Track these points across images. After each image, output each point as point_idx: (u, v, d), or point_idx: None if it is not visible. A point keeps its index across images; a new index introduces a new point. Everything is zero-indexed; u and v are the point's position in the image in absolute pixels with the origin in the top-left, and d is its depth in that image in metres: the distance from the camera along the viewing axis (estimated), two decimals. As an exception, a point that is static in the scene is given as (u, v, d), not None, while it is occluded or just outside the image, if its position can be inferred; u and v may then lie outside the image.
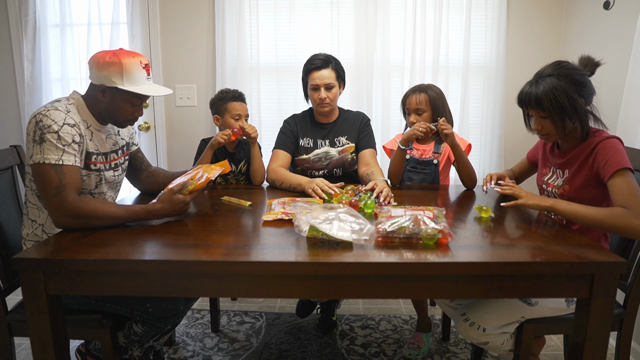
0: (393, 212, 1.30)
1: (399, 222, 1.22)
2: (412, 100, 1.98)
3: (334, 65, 2.04)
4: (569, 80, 1.36)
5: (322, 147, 2.11)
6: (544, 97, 1.37)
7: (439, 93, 2.00)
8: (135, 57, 1.44)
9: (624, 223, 1.23)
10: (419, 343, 2.02)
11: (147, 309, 1.42)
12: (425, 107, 1.96)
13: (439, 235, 1.19)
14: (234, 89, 2.15)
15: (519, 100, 1.47)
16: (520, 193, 1.43)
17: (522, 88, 1.46)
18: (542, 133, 1.46)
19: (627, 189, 1.27)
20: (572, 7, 2.59)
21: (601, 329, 1.13)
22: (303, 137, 2.13)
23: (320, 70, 2.00)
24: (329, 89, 2.02)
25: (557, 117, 1.38)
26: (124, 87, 1.41)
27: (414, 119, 1.98)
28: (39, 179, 1.33)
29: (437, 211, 1.31)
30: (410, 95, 2.00)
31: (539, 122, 1.44)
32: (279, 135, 2.16)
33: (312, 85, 2.02)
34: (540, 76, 1.41)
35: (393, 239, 1.21)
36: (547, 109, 1.38)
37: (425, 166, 2.03)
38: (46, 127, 1.32)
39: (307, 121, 2.16)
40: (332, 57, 2.06)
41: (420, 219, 1.22)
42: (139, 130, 2.84)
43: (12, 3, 2.70)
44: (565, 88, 1.35)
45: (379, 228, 1.23)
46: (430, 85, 2.02)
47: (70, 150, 1.36)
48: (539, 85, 1.38)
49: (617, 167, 1.30)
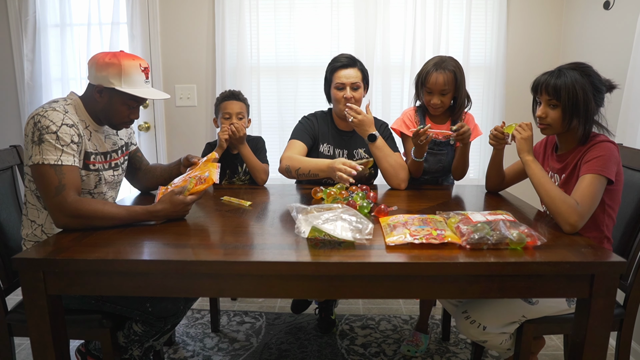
0: (472, 217, 1.27)
1: (485, 230, 1.18)
2: (439, 80, 1.78)
3: (360, 66, 1.94)
4: (589, 81, 1.39)
5: (339, 157, 1.98)
6: (564, 86, 1.38)
7: (459, 67, 1.83)
8: (135, 59, 1.44)
9: (567, 212, 1.30)
10: (417, 342, 2.02)
11: (147, 309, 1.42)
12: (450, 87, 1.81)
13: (528, 239, 1.17)
14: (233, 89, 2.13)
15: (534, 85, 1.48)
16: (525, 132, 1.49)
17: (540, 76, 1.47)
18: (544, 122, 1.46)
19: (589, 192, 1.32)
20: (572, 7, 2.59)
21: (601, 329, 1.13)
22: (323, 142, 2.00)
23: (347, 68, 1.89)
24: (355, 89, 1.90)
25: (569, 110, 1.40)
26: (121, 89, 1.41)
27: (438, 100, 1.83)
28: (38, 179, 1.33)
29: (512, 215, 1.30)
30: (433, 73, 1.79)
31: (545, 110, 1.44)
32: (297, 127, 2.01)
33: (338, 83, 1.90)
34: (563, 68, 1.43)
35: (481, 245, 1.16)
36: (563, 99, 1.39)
37: (442, 147, 1.94)
38: (44, 127, 1.32)
39: (328, 125, 2.02)
40: (357, 58, 1.97)
41: (504, 224, 1.19)
42: (139, 130, 2.85)
43: (12, 3, 2.70)
44: (585, 86, 1.38)
45: (464, 233, 1.19)
46: (449, 59, 1.83)
47: (69, 150, 1.36)
48: (561, 76, 1.40)
49: (596, 171, 1.33)
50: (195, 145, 2.86)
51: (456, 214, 1.32)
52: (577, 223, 1.29)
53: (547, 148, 1.62)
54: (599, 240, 1.44)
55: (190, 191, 1.45)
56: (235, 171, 2.11)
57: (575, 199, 1.31)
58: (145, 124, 2.85)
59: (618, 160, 1.37)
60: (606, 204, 1.40)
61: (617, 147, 1.39)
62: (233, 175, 2.12)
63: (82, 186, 1.46)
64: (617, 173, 1.37)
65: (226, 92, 2.11)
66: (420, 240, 1.18)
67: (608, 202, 1.40)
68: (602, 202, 1.38)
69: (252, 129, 2.70)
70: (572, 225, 1.29)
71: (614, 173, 1.34)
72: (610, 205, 1.41)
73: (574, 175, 1.43)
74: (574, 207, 1.29)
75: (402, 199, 1.75)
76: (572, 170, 1.44)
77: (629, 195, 1.51)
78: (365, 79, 1.96)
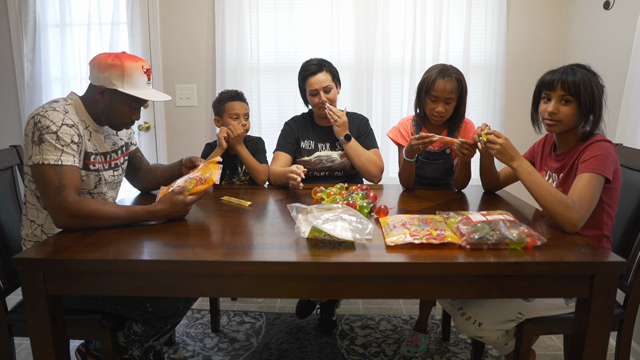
0: (472, 217, 1.27)
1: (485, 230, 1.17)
2: (446, 88, 1.76)
3: (327, 67, 2.05)
4: (597, 80, 1.42)
5: (322, 150, 2.11)
6: (582, 82, 1.39)
7: (463, 77, 1.83)
8: (137, 61, 1.44)
9: (565, 212, 1.29)
10: (417, 342, 2.02)
11: (147, 309, 1.42)
12: (455, 96, 1.80)
13: (528, 239, 1.17)
14: (234, 89, 2.13)
15: (546, 81, 1.46)
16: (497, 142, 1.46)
17: (550, 72, 1.46)
18: (555, 118, 1.44)
19: (587, 191, 1.31)
20: (572, 7, 2.59)
21: (601, 329, 1.13)
22: (304, 140, 2.13)
23: (316, 74, 2.01)
24: (328, 92, 2.02)
25: (586, 106, 1.40)
26: (124, 90, 1.41)
27: (442, 108, 1.80)
28: (38, 179, 1.33)
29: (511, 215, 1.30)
30: (439, 80, 1.76)
31: (557, 106, 1.43)
32: (279, 137, 2.16)
33: (311, 90, 2.03)
34: (574, 66, 1.44)
35: (481, 245, 1.16)
36: (582, 95, 1.39)
37: (437, 157, 1.94)
38: (45, 127, 1.32)
39: (308, 124, 2.17)
40: (324, 60, 2.07)
41: (504, 224, 1.19)
42: (139, 130, 2.85)
43: (12, 3, 2.70)
44: (597, 83, 1.42)
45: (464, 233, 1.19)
46: (452, 68, 1.82)
47: (69, 150, 1.36)
48: (576, 72, 1.41)
49: (594, 170, 1.33)
50: (195, 145, 2.86)
51: (456, 214, 1.32)
52: (577, 222, 1.28)
53: (545, 147, 1.62)
54: (599, 239, 1.44)
55: (190, 191, 1.45)
56: (235, 171, 2.12)
57: (572, 198, 1.32)
58: (145, 124, 2.85)
59: (615, 160, 1.37)
60: (605, 203, 1.40)
61: (614, 146, 1.39)
62: (233, 175, 2.12)
63: (82, 186, 1.46)
64: (615, 172, 1.37)
65: (231, 92, 2.10)
66: (420, 240, 1.18)
67: (606, 201, 1.40)
68: (601, 201, 1.38)
69: (252, 129, 2.69)
70: (573, 224, 1.29)
71: (612, 172, 1.34)
72: (608, 204, 1.41)
73: (571, 174, 1.43)
74: (572, 207, 1.29)
75: (402, 199, 1.76)
76: (570, 169, 1.44)
77: (628, 195, 1.51)
78: (335, 78, 2.08)
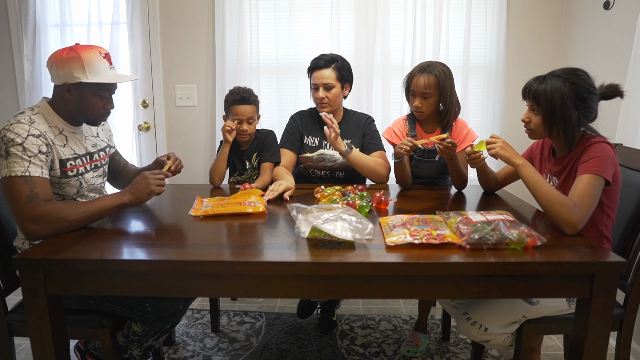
0: (472, 217, 1.26)
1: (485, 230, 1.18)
2: (420, 83, 1.82)
3: (337, 65, 2.01)
4: (572, 89, 1.38)
5: (326, 148, 2.09)
6: (542, 94, 1.40)
7: (447, 73, 1.85)
8: (93, 48, 1.42)
9: (566, 214, 1.29)
10: (417, 342, 2.02)
11: (146, 309, 1.42)
12: (433, 91, 1.83)
13: (528, 239, 1.17)
14: (243, 88, 2.02)
15: (522, 90, 1.50)
16: (497, 142, 1.48)
17: (530, 80, 1.48)
18: (527, 127, 1.49)
19: (587, 192, 1.31)
20: (572, 7, 2.59)
21: (601, 329, 1.13)
22: (308, 135, 2.12)
23: (321, 69, 2.00)
24: (328, 89, 2.00)
25: (547, 117, 1.42)
26: (89, 80, 1.38)
27: (420, 103, 1.85)
28: (8, 193, 1.29)
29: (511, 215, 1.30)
30: (416, 75, 1.84)
31: (529, 115, 1.48)
32: (284, 132, 2.15)
33: (312, 84, 2.04)
34: (550, 74, 1.43)
35: (481, 245, 1.17)
36: (542, 105, 1.41)
37: (431, 154, 1.95)
38: (10, 140, 1.30)
39: (314, 119, 2.14)
40: (339, 57, 2.04)
41: (504, 224, 1.19)
42: (139, 130, 2.84)
43: (12, 3, 2.70)
44: (565, 95, 1.37)
45: (464, 233, 1.19)
46: (437, 64, 1.86)
47: (37, 161, 1.32)
48: (543, 82, 1.41)
49: (593, 172, 1.33)
50: (195, 145, 2.86)
51: (456, 214, 1.32)
52: (577, 224, 1.28)
53: (544, 150, 1.62)
54: (599, 240, 1.44)
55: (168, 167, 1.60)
56: (244, 166, 2.10)
57: (572, 199, 1.31)
58: (145, 124, 2.85)
59: (615, 162, 1.37)
60: (604, 204, 1.40)
61: (613, 148, 1.39)
62: (243, 171, 2.11)
63: (64, 194, 1.44)
64: (615, 173, 1.37)
65: (235, 93, 2.00)
66: (420, 241, 1.18)
67: (606, 202, 1.40)
68: (600, 203, 1.38)
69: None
70: (573, 226, 1.28)
71: (611, 174, 1.34)
72: (608, 206, 1.41)
73: (570, 176, 1.43)
74: (572, 208, 1.29)
75: (402, 199, 1.75)
76: (569, 171, 1.44)
77: (628, 195, 1.51)
78: (342, 78, 2.03)
